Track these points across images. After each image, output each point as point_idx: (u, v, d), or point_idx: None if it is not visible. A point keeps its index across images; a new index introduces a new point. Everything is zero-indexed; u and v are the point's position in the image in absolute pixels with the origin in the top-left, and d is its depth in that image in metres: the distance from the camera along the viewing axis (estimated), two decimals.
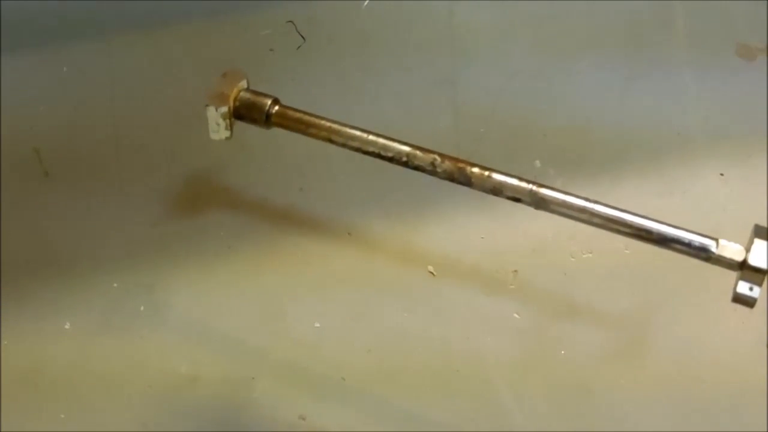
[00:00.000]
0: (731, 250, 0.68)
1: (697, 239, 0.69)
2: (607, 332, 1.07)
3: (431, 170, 0.74)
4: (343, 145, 0.77)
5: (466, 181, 0.73)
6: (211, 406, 1.01)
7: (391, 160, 0.75)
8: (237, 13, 1.19)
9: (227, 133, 0.80)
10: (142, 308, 1.08)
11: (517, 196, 0.72)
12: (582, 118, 1.21)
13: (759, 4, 1.22)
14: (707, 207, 1.16)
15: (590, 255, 1.12)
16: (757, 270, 0.67)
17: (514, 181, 0.72)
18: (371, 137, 0.76)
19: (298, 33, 1.19)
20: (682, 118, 1.21)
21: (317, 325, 1.08)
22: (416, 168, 0.74)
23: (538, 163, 1.18)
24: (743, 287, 0.68)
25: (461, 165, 0.73)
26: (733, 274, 0.69)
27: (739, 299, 0.69)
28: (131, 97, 1.17)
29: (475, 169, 0.73)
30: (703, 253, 0.69)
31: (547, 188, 0.71)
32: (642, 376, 1.03)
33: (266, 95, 0.80)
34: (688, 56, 1.23)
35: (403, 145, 0.75)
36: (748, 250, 0.67)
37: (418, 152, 0.74)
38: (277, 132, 1.18)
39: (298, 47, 1.19)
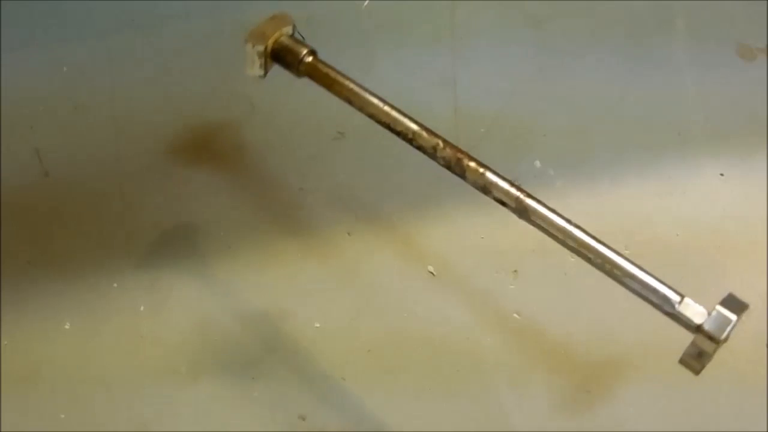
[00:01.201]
0: (693, 310, 0.64)
1: (663, 290, 0.66)
2: (606, 332, 1.07)
3: (431, 153, 0.74)
4: (360, 109, 0.77)
5: (461, 172, 0.73)
6: (211, 406, 1.01)
7: (398, 134, 0.75)
8: (237, 13, 1.19)
9: (260, 72, 0.80)
10: (142, 308, 1.08)
11: (504, 199, 0.71)
12: (582, 118, 1.21)
13: (759, 4, 1.22)
14: (707, 207, 1.16)
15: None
16: (710, 338, 0.63)
17: (505, 185, 0.71)
18: (386, 108, 0.76)
19: (298, 33, 1.19)
20: (682, 118, 1.21)
21: (317, 325, 1.08)
22: (419, 148, 0.75)
23: (538, 163, 1.18)
24: (692, 351, 0.65)
25: (460, 156, 0.73)
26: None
27: (684, 362, 0.65)
28: (131, 97, 1.17)
29: (472, 164, 0.73)
30: (665, 305, 0.66)
31: (534, 200, 0.71)
32: (642, 376, 1.03)
33: (305, 45, 0.81)
34: (688, 56, 1.23)
35: (412, 122, 0.75)
36: (709, 314, 0.63)
37: (424, 133, 0.74)
38: (277, 132, 1.18)
39: None
